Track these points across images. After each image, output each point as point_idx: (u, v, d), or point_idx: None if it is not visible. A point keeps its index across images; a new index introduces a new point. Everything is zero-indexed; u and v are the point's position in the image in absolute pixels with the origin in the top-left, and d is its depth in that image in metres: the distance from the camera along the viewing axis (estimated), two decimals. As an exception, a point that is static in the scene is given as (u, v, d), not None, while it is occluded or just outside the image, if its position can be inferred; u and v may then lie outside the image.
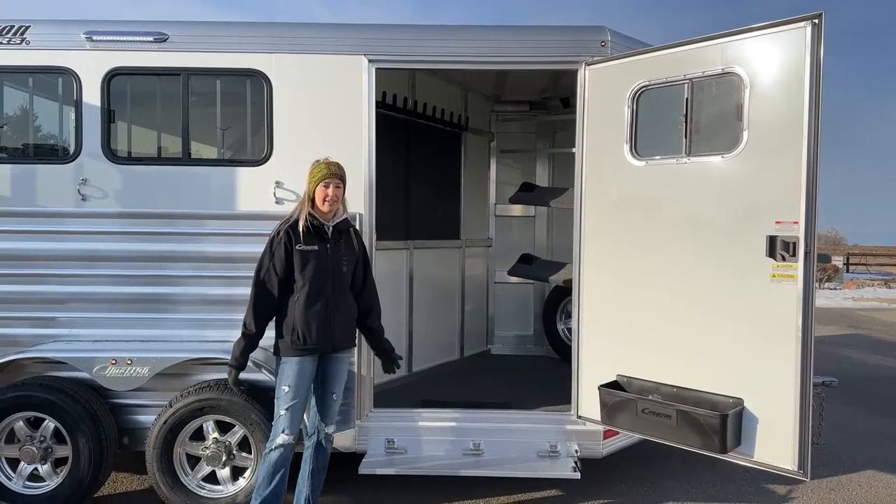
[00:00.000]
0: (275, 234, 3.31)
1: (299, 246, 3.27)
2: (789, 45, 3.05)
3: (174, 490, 3.76)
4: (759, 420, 3.19)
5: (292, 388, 3.28)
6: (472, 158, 6.10)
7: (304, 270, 3.28)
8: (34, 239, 3.97)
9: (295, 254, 3.26)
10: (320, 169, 3.34)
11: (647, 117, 3.64)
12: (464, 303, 6.00)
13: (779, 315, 3.10)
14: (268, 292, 3.29)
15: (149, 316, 4.01)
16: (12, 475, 3.82)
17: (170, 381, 3.91)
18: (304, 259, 3.27)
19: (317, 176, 3.32)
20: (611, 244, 3.78)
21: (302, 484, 3.48)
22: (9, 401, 3.74)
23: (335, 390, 3.46)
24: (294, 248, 3.26)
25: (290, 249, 3.26)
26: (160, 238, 3.99)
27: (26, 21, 3.96)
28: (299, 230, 3.27)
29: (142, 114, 4.24)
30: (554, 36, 4.03)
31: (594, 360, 3.87)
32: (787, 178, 3.06)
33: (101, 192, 3.98)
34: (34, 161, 4.04)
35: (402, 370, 5.19)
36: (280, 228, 3.31)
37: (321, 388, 3.43)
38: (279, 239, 3.27)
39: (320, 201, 3.32)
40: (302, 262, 3.27)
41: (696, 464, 4.67)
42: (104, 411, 3.85)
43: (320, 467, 3.51)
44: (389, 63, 3.99)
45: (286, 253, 3.26)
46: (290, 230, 3.28)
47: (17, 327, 3.99)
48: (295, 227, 3.28)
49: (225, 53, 3.95)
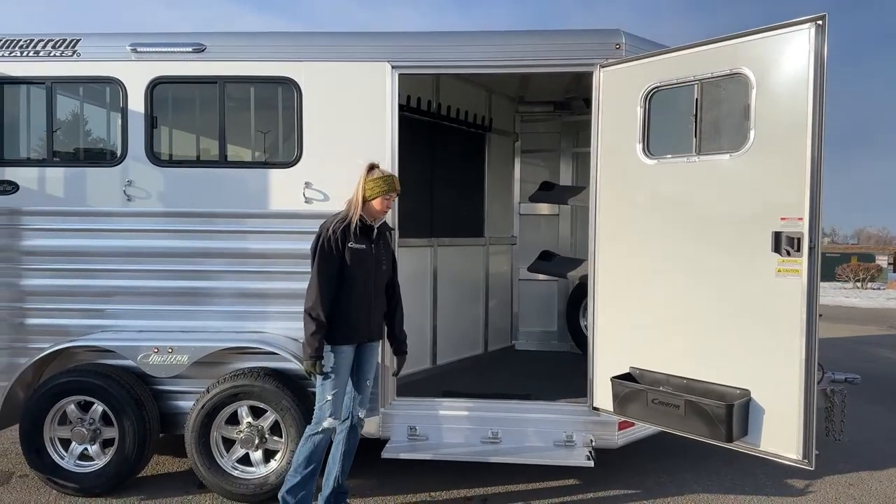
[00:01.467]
0: (327, 232, 3.47)
1: (350, 244, 3.48)
2: (793, 46, 3.14)
3: (211, 471, 4.02)
4: (766, 411, 3.28)
5: (337, 375, 3.51)
6: (496, 158, 6.26)
7: (353, 267, 3.50)
8: (84, 237, 4.28)
9: (346, 251, 3.48)
10: (386, 182, 3.56)
11: (658, 117, 3.76)
12: (488, 299, 6.17)
13: (784, 309, 3.19)
14: (331, 284, 3.47)
15: (189, 308, 4.28)
16: (65, 454, 4.13)
17: (208, 369, 4.18)
18: (354, 256, 3.49)
19: (381, 188, 3.53)
20: (623, 241, 3.91)
21: (333, 464, 3.70)
22: (62, 385, 4.06)
23: (369, 377, 3.71)
24: (346, 246, 3.47)
25: (342, 247, 3.47)
26: (199, 235, 4.26)
27: (77, 34, 4.28)
28: (351, 230, 3.49)
29: (182, 119, 4.53)
30: (570, 39, 4.17)
31: (608, 353, 4.00)
32: (792, 176, 3.15)
33: (145, 193, 4.27)
34: (84, 164, 4.36)
35: (426, 363, 5.45)
36: (331, 227, 3.49)
37: (356, 375, 3.65)
38: (334, 237, 3.46)
39: (379, 210, 3.56)
40: (352, 259, 3.49)
41: (715, 457, 4.76)
42: (147, 396, 4.15)
43: (351, 448, 3.74)
44: (411, 69, 4.19)
45: (338, 250, 3.46)
46: (344, 229, 3.49)
47: (70, 318, 4.31)
48: (347, 228, 3.50)
49: (258, 62, 4.20)
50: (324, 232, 3.49)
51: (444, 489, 4.27)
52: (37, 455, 4.06)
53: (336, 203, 4.14)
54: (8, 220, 4.29)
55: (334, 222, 3.51)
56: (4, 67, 4.26)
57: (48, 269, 4.29)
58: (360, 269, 3.52)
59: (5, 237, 4.29)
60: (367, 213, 3.56)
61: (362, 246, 3.53)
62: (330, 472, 3.71)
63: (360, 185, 3.55)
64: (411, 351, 3.90)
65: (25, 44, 4.26)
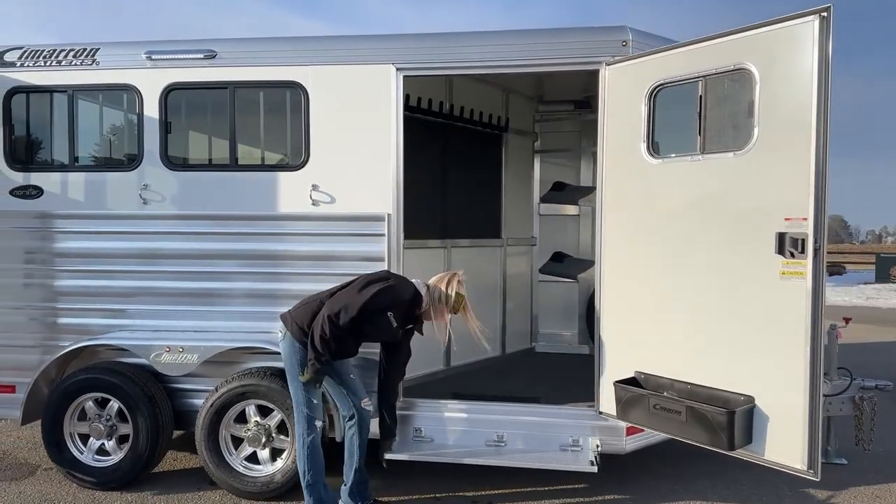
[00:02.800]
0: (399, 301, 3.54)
1: (389, 313, 3.53)
2: (797, 40, 3.02)
3: (220, 468, 4.11)
4: (770, 418, 3.17)
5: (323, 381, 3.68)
6: (513, 159, 6.21)
7: (373, 332, 3.60)
8: (103, 239, 4.43)
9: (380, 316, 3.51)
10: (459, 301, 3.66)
11: (663, 116, 3.67)
12: (505, 301, 6.13)
13: (788, 313, 3.07)
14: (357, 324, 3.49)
15: (201, 308, 4.39)
16: (83, 449, 4.29)
17: (220, 369, 4.27)
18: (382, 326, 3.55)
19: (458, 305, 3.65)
20: (629, 242, 3.82)
21: (351, 458, 3.80)
22: (80, 382, 4.21)
23: (350, 372, 3.79)
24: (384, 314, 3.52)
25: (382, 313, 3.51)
26: (211, 237, 4.36)
27: (96, 44, 4.44)
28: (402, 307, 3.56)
29: (194, 124, 4.64)
30: (576, 38, 4.11)
31: (614, 357, 3.93)
32: (796, 174, 3.03)
33: (160, 196, 4.39)
34: (104, 169, 4.52)
35: (440, 364, 5.44)
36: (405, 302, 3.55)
37: (337, 377, 3.72)
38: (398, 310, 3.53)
39: (440, 321, 3.66)
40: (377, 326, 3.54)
41: (732, 464, 4.59)
42: (161, 394, 4.26)
43: (364, 439, 3.84)
44: (416, 70, 4.19)
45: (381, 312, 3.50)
46: (404, 314, 3.57)
47: (90, 317, 4.46)
48: (408, 315, 3.60)
49: (267, 67, 4.27)
50: (395, 287, 3.55)
51: (450, 491, 4.26)
52: (57, 449, 4.23)
53: (342, 205, 4.21)
54: (32, 222, 4.47)
55: (406, 290, 3.57)
56: (29, 77, 4.45)
57: (69, 270, 4.46)
58: (374, 332, 3.63)
59: (30, 239, 4.47)
60: (426, 316, 3.67)
61: (395, 323, 3.59)
62: (351, 465, 3.80)
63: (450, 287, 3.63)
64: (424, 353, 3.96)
65: (49, 54, 4.44)
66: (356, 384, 3.80)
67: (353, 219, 4.22)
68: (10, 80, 4.45)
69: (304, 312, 3.60)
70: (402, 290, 3.56)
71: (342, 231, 4.22)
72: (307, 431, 3.61)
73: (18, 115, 4.50)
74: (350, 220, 4.22)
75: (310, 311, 3.56)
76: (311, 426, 3.61)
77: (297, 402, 3.63)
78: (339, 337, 3.45)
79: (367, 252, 4.18)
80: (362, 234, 4.21)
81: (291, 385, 3.65)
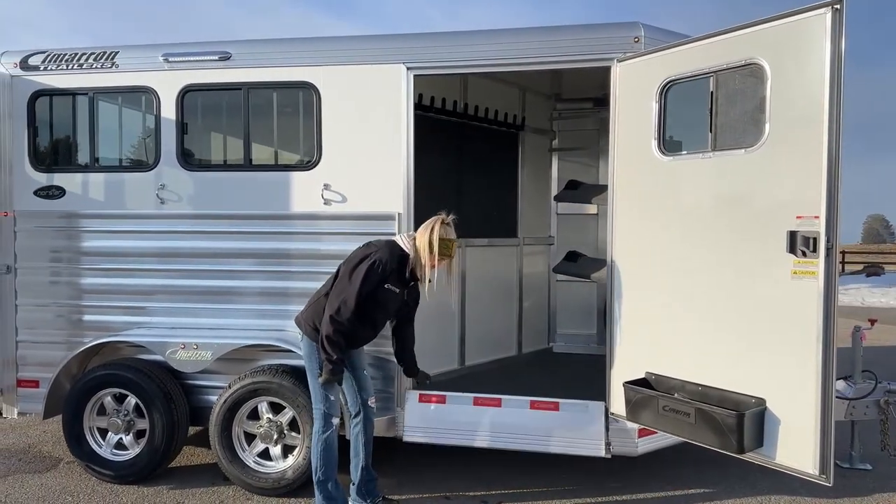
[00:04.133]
0: (384, 262, 3.45)
1: (387, 284, 3.50)
2: (809, 33, 2.94)
3: (233, 464, 4.17)
4: (781, 421, 3.09)
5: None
6: (530, 157, 6.17)
7: (378, 304, 3.54)
8: (122, 238, 4.54)
9: (380, 289, 3.49)
10: (452, 246, 3.55)
11: (674, 113, 3.60)
12: (521, 300, 6.09)
13: (799, 313, 2.99)
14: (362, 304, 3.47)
15: (217, 306, 4.46)
16: (102, 443, 4.39)
17: (236, 366, 4.33)
18: (383, 297, 3.53)
19: (447, 249, 3.53)
20: (640, 241, 3.77)
21: (357, 456, 3.80)
22: (98, 378, 4.31)
23: (363, 367, 3.81)
24: (381, 285, 3.49)
25: (380, 283, 3.48)
26: (226, 236, 4.43)
27: (116, 47, 4.54)
28: (401, 272, 3.51)
29: (210, 125, 4.72)
30: (587, 34, 4.06)
31: (625, 357, 3.88)
32: (808, 172, 2.95)
33: (177, 196, 4.48)
34: (123, 170, 4.62)
35: (454, 364, 5.43)
36: (388, 260, 3.45)
37: (352, 371, 3.73)
38: (384, 270, 3.45)
39: (430, 266, 3.51)
40: (380, 298, 3.52)
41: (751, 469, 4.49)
42: (177, 391, 4.34)
43: (370, 437, 3.83)
44: (426, 70, 4.20)
45: (380, 283, 3.47)
46: (396, 269, 3.49)
47: (110, 315, 4.57)
48: (400, 270, 3.51)
49: (280, 68, 4.32)
50: (379, 260, 3.45)
51: (460, 490, 4.25)
52: (77, 443, 4.34)
53: (353, 204, 4.23)
54: (55, 222, 4.59)
55: (391, 256, 3.49)
56: (52, 80, 4.57)
57: (90, 268, 4.57)
58: (382, 309, 3.60)
59: (53, 238, 4.60)
60: (415, 261, 3.55)
61: (396, 290, 3.55)
62: (357, 464, 3.81)
63: (433, 235, 3.50)
64: (439, 352, 3.94)
65: (70, 57, 4.56)
66: (367, 381, 3.82)
67: (364, 218, 4.24)
68: (33, 84, 4.58)
69: (312, 312, 3.63)
70: (388, 257, 3.46)
71: (353, 230, 4.24)
72: (323, 428, 3.63)
73: (42, 117, 4.63)
74: (361, 219, 4.25)
75: (320, 308, 3.58)
76: (327, 423, 3.63)
77: (315, 399, 3.65)
78: (348, 332, 3.47)
79: (378, 251, 4.19)
80: (373, 232, 4.19)
81: (311, 382, 3.67)
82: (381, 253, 3.49)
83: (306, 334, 3.65)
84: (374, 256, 3.47)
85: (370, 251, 3.53)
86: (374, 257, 3.47)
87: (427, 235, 3.52)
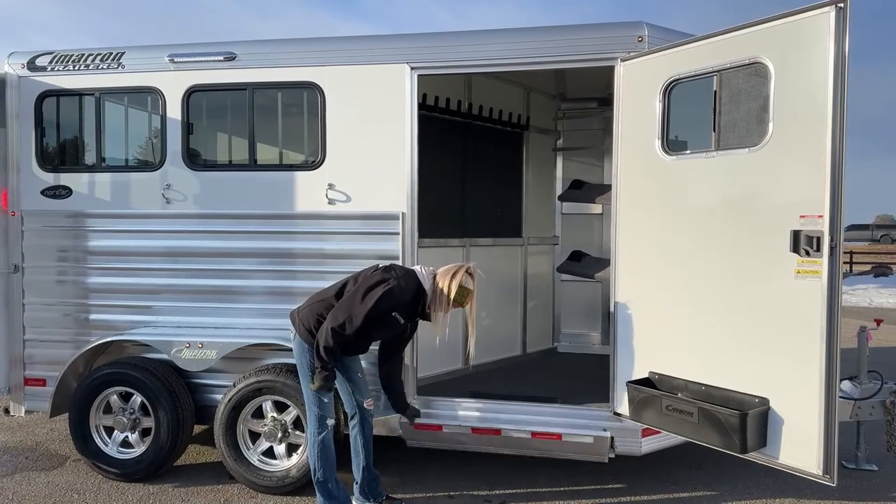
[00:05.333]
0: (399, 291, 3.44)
1: (395, 313, 3.51)
2: (813, 32, 2.94)
3: (237, 462, 4.19)
4: (785, 421, 3.08)
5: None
6: (535, 157, 6.17)
7: (379, 330, 3.57)
8: (128, 237, 4.56)
9: (387, 315, 3.49)
10: (468, 296, 3.55)
11: (678, 112, 3.60)
12: (526, 300, 6.09)
13: (803, 313, 2.98)
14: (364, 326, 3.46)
15: (221, 305, 4.48)
16: (108, 441, 4.41)
17: (240, 364, 4.35)
18: (388, 324, 3.54)
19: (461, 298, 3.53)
20: (643, 241, 3.77)
21: (357, 456, 3.81)
22: (105, 376, 4.34)
23: (357, 370, 3.82)
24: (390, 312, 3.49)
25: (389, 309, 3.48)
26: (230, 236, 4.45)
27: (122, 48, 4.57)
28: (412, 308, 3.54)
29: (215, 125, 4.74)
30: (590, 34, 4.05)
31: (629, 357, 3.88)
32: (812, 171, 2.95)
33: (182, 196, 4.50)
34: (129, 169, 4.65)
35: (458, 363, 5.43)
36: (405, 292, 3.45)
37: (345, 374, 3.75)
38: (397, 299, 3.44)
39: (443, 312, 3.54)
40: (385, 324, 3.53)
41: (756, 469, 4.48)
42: (182, 389, 4.36)
43: (368, 437, 3.85)
44: (430, 69, 4.20)
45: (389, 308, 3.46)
46: (409, 304, 3.50)
47: (116, 314, 4.60)
48: (413, 305, 3.53)
49: (284, 68, 4.34)
50: (397, 292, 3.43)
51: (464, 489, 4.26)
52: (83, 441, 4.36)
53: (357, 204, 4.24)
54: (62, 221, 4.62)
55: (408, 288, 3.48)
56: (59, 81, 4.60)
57: (97, 267, 4.60)
58: (382, 331, 3.62)
59: (60, 238, 4.63)
60: (430, 299, 3.57)
61: (401, 320, 3.57)
62: (358, 464, 3.83)
63: (454, 281, 3.50)
64: (443, 352, 3.94)
65: (77, 58, 4.59)
66: (362, 383, 3.82)
67: (368, 217, 4.25)
68: (41, 84, 4.61)
69: (309, 314, 3.63)
70: (405, 289, 3.47)
71: (357, 229, 4.27)
72: (318, 429, 3.65)
73: (49, 117, 4.66)
74: (365, 219, 4.26)
75: (314, 312, 3.60)
76: (321, 424, 3.65)
77: (308, 401, 3.67)
78: (346, 344, 3.49)
79: (382, 250, 4.21)
80: (377, 232, 4.25)
81: (303, 383, 3.69)
82: (401, 282, 3.47)
83: (299, 334, 3.65)
84: (393, 284, 3.43)
85: (390, 276, 3.48)
86: (392, 284, 3.43)
87: (448, 280, 3.52)
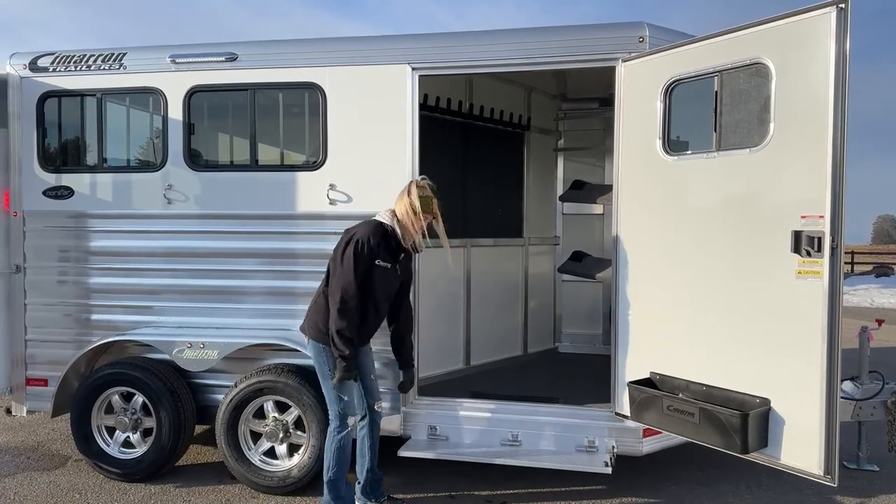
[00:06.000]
0: (367, 241, 3.41)
1: (378, 261, 3.48)
2: (814, 32, 2.94)
3: (239, 462, 4.19)
4: (786, 422, 3.08)
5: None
6: (536, 158, 6.18)
7: (375, 284, 3.52)
8: (130, 238, 4.56)
9: (374, 268, 3.47)
10: (432, 202, 3.49)
11: (679, 113, 3.61)
12: (527, 300, 6.10)
13: (804, 313, 2.99)
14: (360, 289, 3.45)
15: (223, 305, 4.48)
16: (110, 441, 4.42)
17: (242, 364, 4.36)
18: (379, 275, 3.51)
19: (428, 205, 3.48)
20: (644, 241, 3.77)
21: (363, 457, 3.80)
22: (105, 377, 4.35)
23: (371, 372, 3.80)
24: (374, 263, 3.47)
25: (371, 261, 3.46)
26: (232, 236, 4.45)
27: (123, 48, 4.57)
28: (388, 245, 3.49)
29: (217, 126, 4.74)
30: (592, 34, 4.06)
31: (630, 357, 3.88)
32: (813, 171, 2.95)
33: (183, 196, 4.50)
34: (130, 170, 4.65)
35: (459, 363, 5.44)
36: (370, 237, 3.41)
37: (359, 374, 3.72)
38: (370, 248, 3.41)
39: (416, 230, 3.51)
40: (376, 277, 3.50)
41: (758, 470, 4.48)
42: (184, 389, 4.37)
43: (375, 439, 3.84)
44: (431, 70, 4.21)
45: (370, 261, 3.45)
46: (382, 244, 3.46)
47: (117, 314, 4.60)
48: (387, 243, 3.48)
49: (286, 69, 4.34)
50: (362, 239, 3.42)
51: (465, 489, 4.26)
52: (85, 441, 4.37)
53: (358, 204, 4.25)
54: (64, 222, 4.63)
55: (372, 232, 3.45)
56: (61, 81, 4.61)
57: (98, 268, 4.60)
58: (381, 288, 3.57)
59: (61, 238, 4.63)
60: (401, 230, 3.53)
61: (388, 265, 3.54)
62: (362, 465, 3.82)
63: (411, 197, 3.47)
64: (444, 351, 3.92)
65: (79, 59, 4.59)
66: (374, 385, 3.82)
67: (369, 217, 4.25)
68: (42, 85, 4.62)
69: (314, 314, 3.64)
70: (370, 232, 3.44)
71: (359, 230, 4.26)
72: (339, 428, 3.61)
73: (50, 118, 4.66)
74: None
75: (318, 310, 3.60)
76: (343, 423, 3.61)
77: (329, 401, 3.63)
78: (355, 320, 3.46)
79: (383, 250, 4.20)
80: (378, 232, 4.24)
81: (324, 385, 3.65)
82: (360, 232, 3.46)
83: (312, 338, 3.64)
84: (355, 237, 3.44)
85: (349, 235, 3.49)
86: (354, 238, 3.44)
87: (406, 200, 3.50)
